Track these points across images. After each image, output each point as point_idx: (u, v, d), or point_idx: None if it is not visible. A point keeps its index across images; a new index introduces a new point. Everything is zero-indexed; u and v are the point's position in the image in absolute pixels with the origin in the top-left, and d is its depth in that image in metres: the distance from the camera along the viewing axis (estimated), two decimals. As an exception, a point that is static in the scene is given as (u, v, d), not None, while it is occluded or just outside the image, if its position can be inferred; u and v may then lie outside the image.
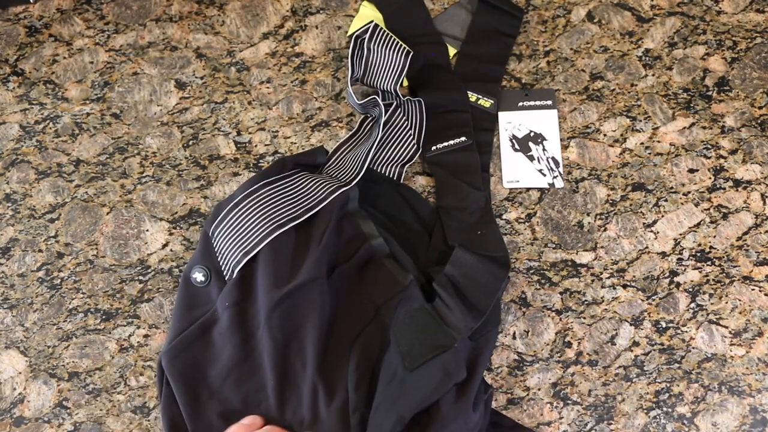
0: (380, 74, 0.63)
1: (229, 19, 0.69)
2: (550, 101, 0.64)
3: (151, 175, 0.63)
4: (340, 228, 0.54)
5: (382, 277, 0.53)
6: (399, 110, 0.63)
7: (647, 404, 0.55)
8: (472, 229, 0.59)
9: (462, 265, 0.54)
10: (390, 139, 0.63)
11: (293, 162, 0.58)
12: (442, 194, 0.61)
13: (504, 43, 0.66)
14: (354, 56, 0.63)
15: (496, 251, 0.57)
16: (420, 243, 0.59)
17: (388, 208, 0.60)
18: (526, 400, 0.56)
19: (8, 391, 0.57)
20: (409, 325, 0.52)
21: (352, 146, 0.62)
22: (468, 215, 0.59)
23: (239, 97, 0.66)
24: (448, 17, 0.68)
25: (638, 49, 0.67)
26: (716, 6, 0.68)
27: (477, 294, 0.53)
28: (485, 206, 0.60)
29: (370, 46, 0.63)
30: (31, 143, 0.65)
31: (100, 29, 0.69)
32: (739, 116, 0.64)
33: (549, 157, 0.63)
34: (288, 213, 0.53)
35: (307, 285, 0.51)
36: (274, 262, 0.52)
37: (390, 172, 0.61)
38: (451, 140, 0.62)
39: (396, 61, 0.63)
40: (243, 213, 0.54)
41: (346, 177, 0.58)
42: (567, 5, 0.69)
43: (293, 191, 0.55)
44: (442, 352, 0.50)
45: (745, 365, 0.56)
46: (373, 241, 0.54)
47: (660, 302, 0.58)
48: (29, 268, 0.61)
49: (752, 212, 0.61)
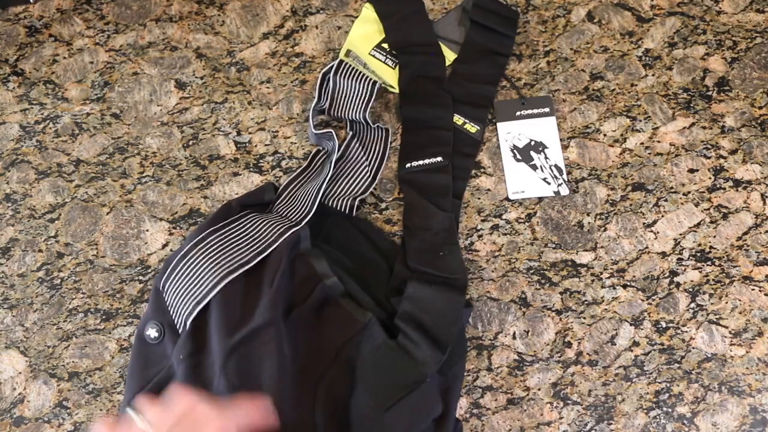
0: (348, 104, 0.63)
1: (229, 19, 0.69)
2: (548, 108, 0.64)
3: (151, 175, 0.63)
4: (293, 269, 0.53)
5: (339, 317, 0.52)
6: (355, 143, 0.62)
7: (647, 404, 0.55)
8: (435, 250, 0.58)
9: (419, 299, 0.54)
10: (343, 173, 0.62)
11: (239, 204, 0.57)
12: (408, 214, 0.60)
13: (497, 62, 0.66)
14: (321, 89, 0.63)
15: (454, 273, 0.57)
16: (379, 274, 0.57)
17: (343, 241, 0.58)
18: (526, 400, 0.56)
19: (8, 391, 0.57)
20: (377, 364, 0.51)
21: (303, 182, 0.60)
22: (432, 235, 0.59)
23: (239, 97, 0.66)
24: (447, 22, 0.68)
25: (638, 49, 0.67)
26: (716, 6, 0.68)
27: (439, 325, 0.53)
28: (449, 228, 0.59)
29: (336, 79, 0.63)
30: (31, 143, 0.65)
31: (100, 29, 0.69)
32: (739, 116, 0.64)
33: (552, 165, 0.62)
34: (238, 259, 0.52)
35: (261, 329, 0.50)
36: (226, 310, 0.50)
37: (342, 205, 0.60)
38: (428, 159, 0.62)
39: (363, 91, 0.62)
40: (192, 263, 0.52)
41: (296, 215, 0.57)
42: (567, 5, 0.69)
43: (242, 236, 0.54)
44: (415, 389, 0.50)
45: (745, 365, 0.56)
46: (327, 281, 0.53)
47: (660, 302, 0.58)
48: (29, 268, 0.61)
49: (752, 212, 0.61)
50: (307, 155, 0.64)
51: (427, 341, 0.52)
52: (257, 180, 0.63)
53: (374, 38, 0.67)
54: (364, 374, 0.50)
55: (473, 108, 0.64)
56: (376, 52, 0.67)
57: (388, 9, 0.68)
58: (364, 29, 0.68)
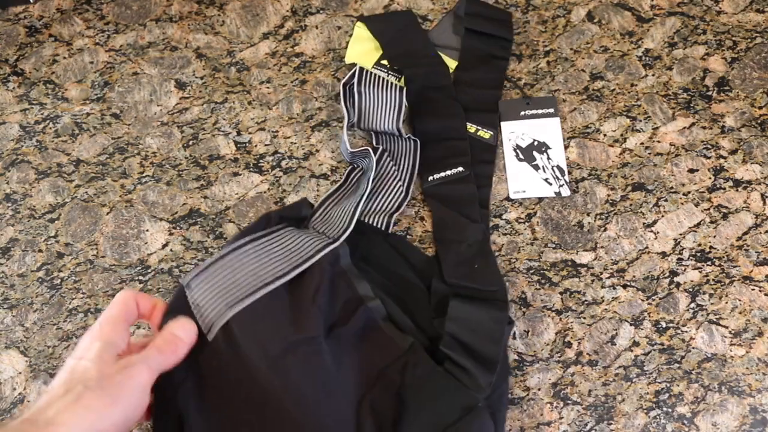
0: (378, 116, 0.62)
1: (229, 19, 0.69)
2: (552, 109, 0.64)
3: (151, 175, 0.64)
4: (334, 288, 0.52)
5: (381, 341, 0.51)
6: (386, 157, 0.61)
7: (647, 404, 0.55)
8: (470, 263, 0.57)
9: (462, 319, 0.53)
10: (378, 189, 0.61)
11: (278, 216, 0.56)
12: (439, 227, 0.60)
13: (497, 66, 0.66)
14: (347, 103, 0.62)
15: (492, 285, 0.56)
16: (418, 296, 0.57)
17: (381, 260, 0.58)
18: (526, 400, 0.56)
19: (8, 391, 0.57)
20: (425, 390, 0.49)
21: (338, 199, 0.60)
22: (466, 248, 0.58)
23: (239, 97, 0.66)
24: (443, 29, 0.68)
25: (638, 49, 0.67)
26: (716, 6, 0.68)
27: (485, 345, 0.52)
28: (482, 239, 0.59)
29: (360, 90, 0.62)
30: (31, 143, 0.65)
31: (100, 29, 0.69)
32: (739, 116, 0.64)
33: (554, 166, 0.62)
34: (276, 270, 0.51)
35: (305, 342, 0.49)
36: (265, 320, 0.49)
37: (378, 222, 0.59)
38: (449, 170, 0.61)
39: (391, 99, 0.62)
40: (228, 268, 0.51)
41: (333, 232, 0.56)
42: (567, 5, 0.69)
43: (280, 247, 0.53)
44: (467, 414, 0.48)
45: (745, 365, 0.56)
46: (369, 304, 0.52)
47: (660, 302, 0.58)
48: (29, 268, 0.61)
49: (752, 212, 0.61)
50: (307, 155, 0.64)
51: (475, 363, 0.51)
52: (257, 180, 0.63)
53: (372, 55, 0.67)
54: (413, 401, 0.49)
55: (482, 114, 0.64)
56: (377, 69, 0.66)
57: (381, 26, 0.67)
58: (360, 48, 0.67)
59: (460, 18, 0.68)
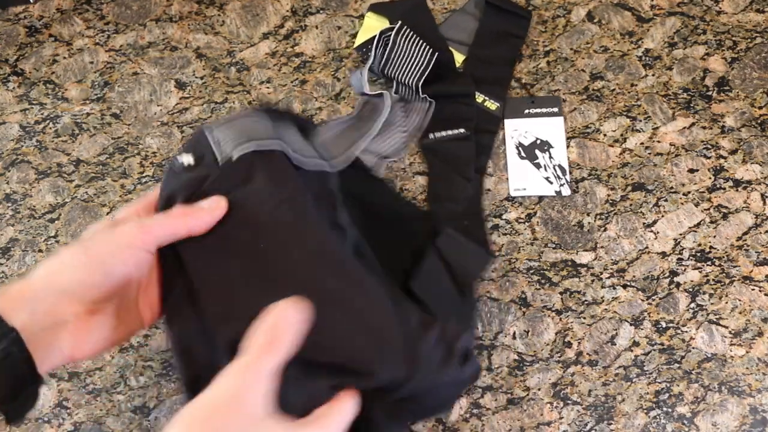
0: (404, 67, 0.64)
1: (229, 19, 0.69)
2: (556, 108, 0.64)
3: (151, 175, 0.63)
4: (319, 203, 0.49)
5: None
6: (399, 106, 0.63)
7: (647, 404, 0.55)
8: (459, 219, 0.59)
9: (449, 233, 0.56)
10: (381, 131, 0.61)
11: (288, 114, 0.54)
12: (433, 182, 0.62)
13: (513, 44, 0.67)
14: (378, 47, 0.64)
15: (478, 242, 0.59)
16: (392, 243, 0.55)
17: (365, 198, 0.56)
18: (526, 400, 0.56)
19: (8, 391, 0.57)
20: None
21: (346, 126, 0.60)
22: (455, 205, 0.60)
23: (239, 97, 0.66)
24: (453, 24, 0.68)
25: (638, 49, 0.67)
26: (716, 6, 0.68)
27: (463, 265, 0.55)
28: (473, 197, 0.60)
29: (396, 39, 0.64)
30: (31, 143, 0.65)
31: (100, 29, 0.69)
32: (739, 116, 0.64)
33: (555, 165, 0.62)
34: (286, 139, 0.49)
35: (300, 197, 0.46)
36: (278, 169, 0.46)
37: (368, 161, 0.59)
38: (450, 131, 0.63)
39: (421, 57, 0.63)
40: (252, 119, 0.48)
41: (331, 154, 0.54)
42: (567, 5, 0.69)
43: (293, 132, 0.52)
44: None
45: (745, 365, 0.56)
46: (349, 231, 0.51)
47: (660, 302, 0.58)
48: (29, 268, 0.61)
49: (752, 212, 0.61)
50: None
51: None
52: (257, 180, 0.63)
53: None
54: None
55: (492, 86, 0.65)
56: None
57: (391, 11, 0.68)
58: (369, 37, 0.67)
59: (472, 14, 0.68)
